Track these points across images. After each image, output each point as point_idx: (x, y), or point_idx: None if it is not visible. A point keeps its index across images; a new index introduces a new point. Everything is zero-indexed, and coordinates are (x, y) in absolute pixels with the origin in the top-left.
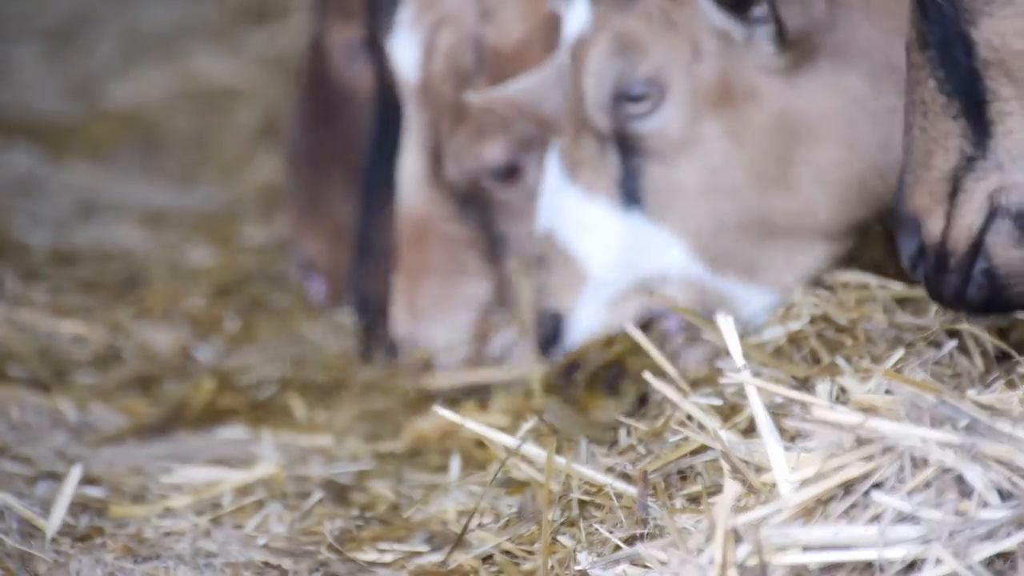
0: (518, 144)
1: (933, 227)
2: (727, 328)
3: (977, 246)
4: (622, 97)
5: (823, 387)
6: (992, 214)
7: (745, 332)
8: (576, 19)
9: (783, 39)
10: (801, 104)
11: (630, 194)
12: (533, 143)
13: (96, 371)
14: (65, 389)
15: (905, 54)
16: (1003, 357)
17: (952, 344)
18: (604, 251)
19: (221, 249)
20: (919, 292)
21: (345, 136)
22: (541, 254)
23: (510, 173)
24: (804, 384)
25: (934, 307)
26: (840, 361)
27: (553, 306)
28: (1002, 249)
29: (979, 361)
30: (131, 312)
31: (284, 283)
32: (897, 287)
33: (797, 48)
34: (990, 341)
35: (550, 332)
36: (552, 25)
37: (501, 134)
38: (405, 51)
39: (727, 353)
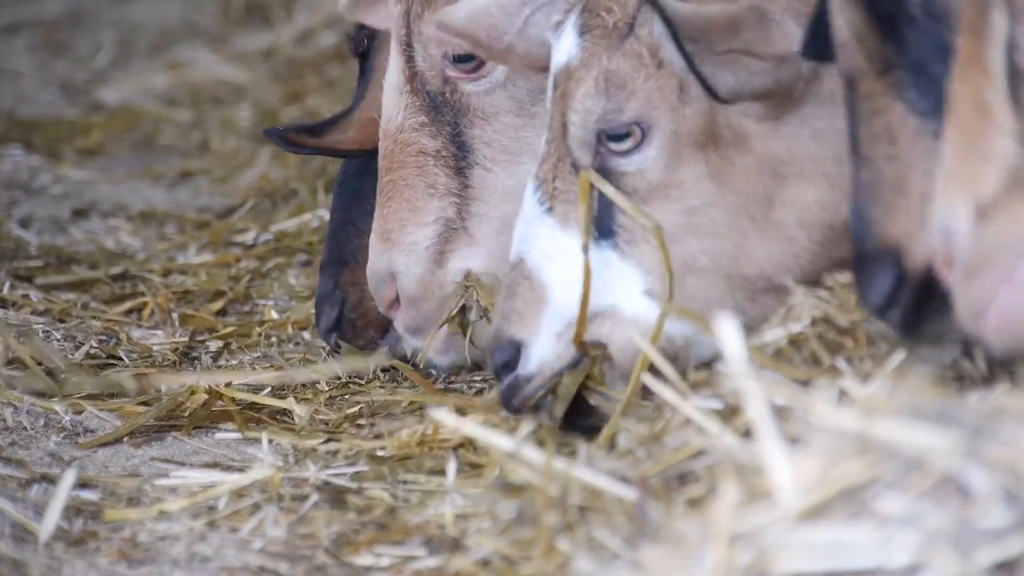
0: None
1: (918, 254)
2: (728, 330)
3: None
4: (604, 134)
5: (824, 390)
6: None
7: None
8: (564, 49)
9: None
10: (786, 147)
11: (603, 228)
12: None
13: (91, 372)
14: (59, 391)
15: (845, 88)
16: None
17: (955, 347)
18: (569, 281)
19: (218, 250)
20: None
21: None
22: (509, 280)
23: (475, 62)
24: (805, 386)
25: None
26: (841, 363)
27: (513, 333)
28: None
29: (982, 363)
30: (127, 313)
31: (281, 283)
32: None
33: (782, 97)
34: None
35: (509, 358)
36: None
37: None
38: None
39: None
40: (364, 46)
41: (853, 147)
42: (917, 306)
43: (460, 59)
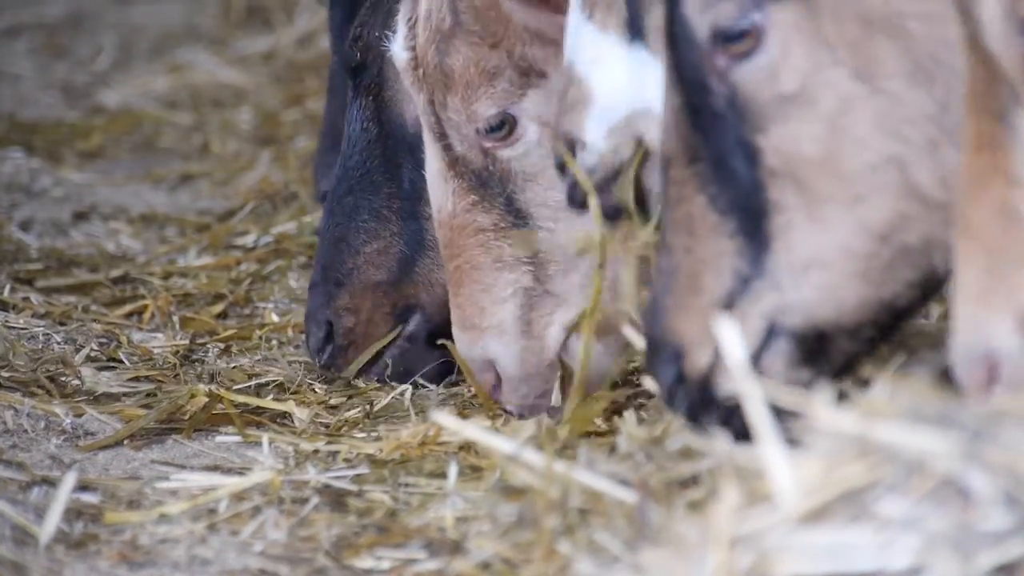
0: (503, 96)
1: (700, 359)
2: (727, 333)
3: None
4: None
5: (824, 393)
6: (769, 336)
7: None
8: None
9: None
10: None
11: (636, 30)
12: (514, 93)
13: (92, 375)
14: (60, 393)
15: (662, 170)
16: None
17: None
18: (610, 81)
19: (219, 252)
20: None
21: None
22: (564, 84)
23: (506, 129)
24: (805, 391)
25: (937, 311)
26: None
27: (567, 129)
28: (780, 371)
29: None
30: (128, 316)
31: (281, 285)
32: None
33: None
34: None
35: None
36: None
37: (484, 90)
38: (395, 44)
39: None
40: (357, 60)
41: (663, 231)
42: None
43: (492, 129)
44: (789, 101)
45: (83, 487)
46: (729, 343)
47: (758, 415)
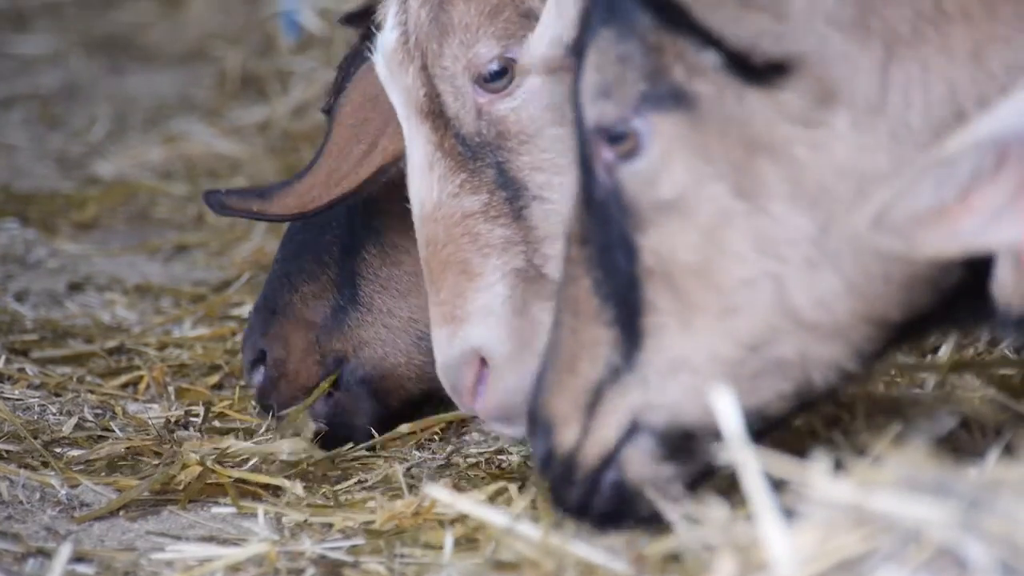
0: (504, 33)
1: (567, 437)
2: (724, 402)
3: (609, 459)
4: None
5: (821, 462)
6: (632, 430)
7: None
8: None
9: None
10: None
11: None
12: (514, 33)
13: (86, 446)
14: (55, 464)
15: (564, 246)
16: (1003, 430)
17: (952, 419)
18: None
19: (214, 323)
20: (917, 364)
21: None
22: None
23: (507, 78)
24: (801, 460)
25: (933, 380)
26: (837, 436)
27: None
28: (640, 465)
29: (979, 435)
30: (123, 387)
31: None
32: (895, 359)
33: None
34: (991, 416)
35: None
36: None
37: (484, 30)
38: (384, 29)
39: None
40: (329, 103)
41: (556, 305)
42: (565, 485)
43: (491, 77)
44: (667, 208)
45: (79, 558)
46: (724, 412)
47: (754, 484)
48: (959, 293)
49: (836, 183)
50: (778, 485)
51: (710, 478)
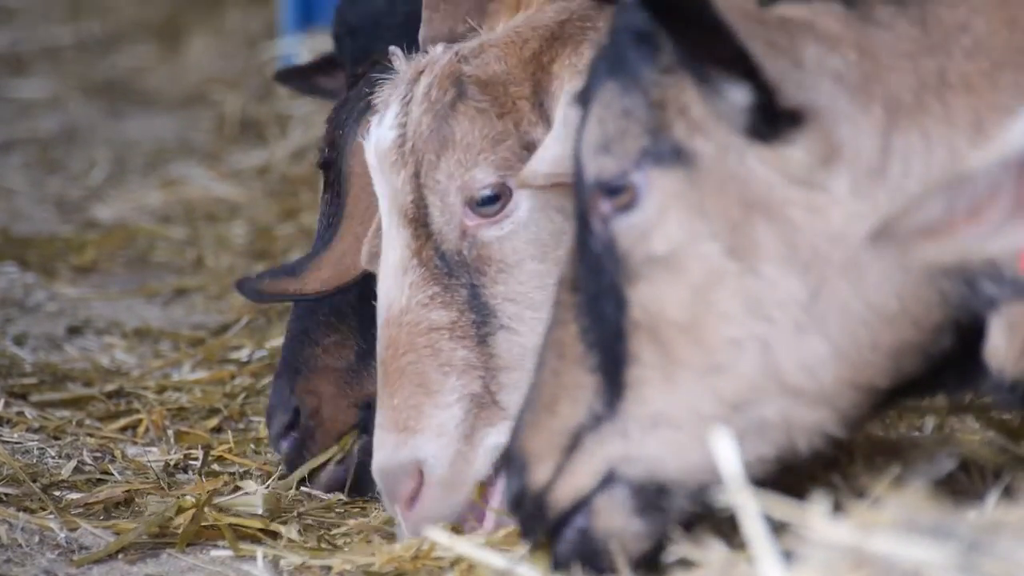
0: (504, 163)
1: (539, 475)
2: (723, 445)
3: (580, 505)
4: None
5: (820, 504)
6: (608, 479)
7: None
8: None
9: None
10: None
11: None
12: (514, 164)
13: (85, 490)
14: (54, 507)
15: (556, 290)
16: (1003, 473)
17: (951, 462)
18: None
19: (213, 367)
20: (916, 407)
21: None
22: None
23: (499, 204)
24: (800, 503)
25: (932, 422)
26: (836, 479)
27: None
28: (610, 516)
29: (978, 478)
30: (122, 430)
31: None
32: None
33: None
34: (990, 458)
35: None
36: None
37: (485, 156)
38: (382, 125)
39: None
40: (326, 154)
41: (542, 346)
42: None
43: (484, 202)
44: (659, 263)
45: None
46: (723, 455)
47: (753, 527)
48: (948, 360)
49: (830, 248)
50: (777, 527)
51: (667, 545)
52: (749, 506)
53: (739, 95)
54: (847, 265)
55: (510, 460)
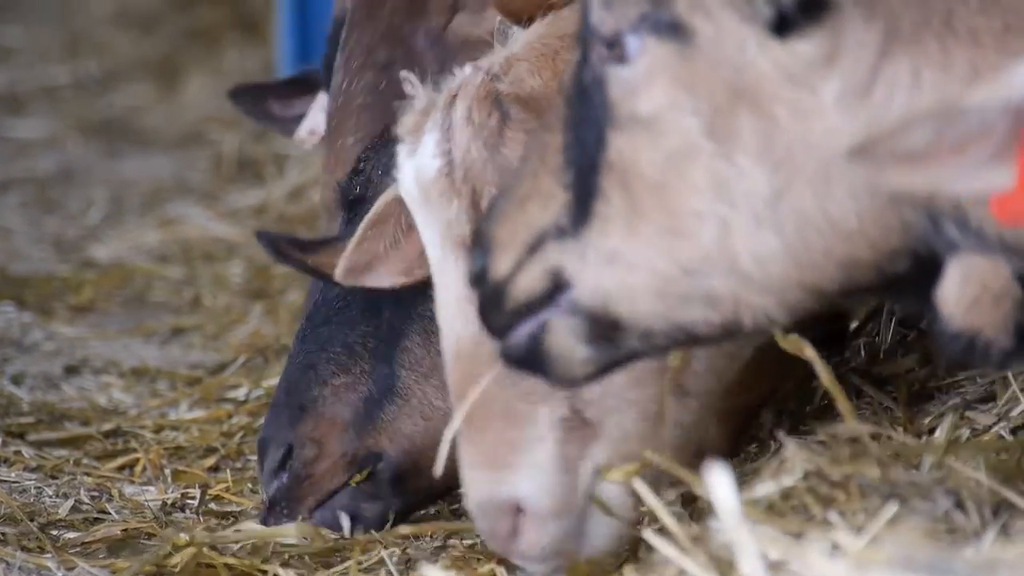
0: None
1: (501, 264)
2: (720, 482)
3: (533, 306)
4: None
5: (817, 542)
6: (557, 290)
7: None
8: None
9: None
10: None
11: None
12: None
13: (83, 529)
14: (51, 546)
15: (557, 94)
16: (1000, 511)
17: (948, 500)
18: None
19: (210, 406)
20: (914, 446)
21: None
22: None
23: None
24: (798, 539)
25: (929, 461)
26: (834, 516)
27: None
28: (562, 336)
29: (975, 516)
30: (119, 469)
31: None
32: (891, 440)
33: None
34: (987, 496)
35: None
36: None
37: None
38: (420, 156)
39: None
40: (356, 192)
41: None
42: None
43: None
44: (640, 122)
45: None
46: (720, 490)
47: (751, 564)
48: (903, 281)
49: (804, 155)
50: (775, 565)
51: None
52: (747, 543)
53: None
54: (815, 176)
55: (478, 238)
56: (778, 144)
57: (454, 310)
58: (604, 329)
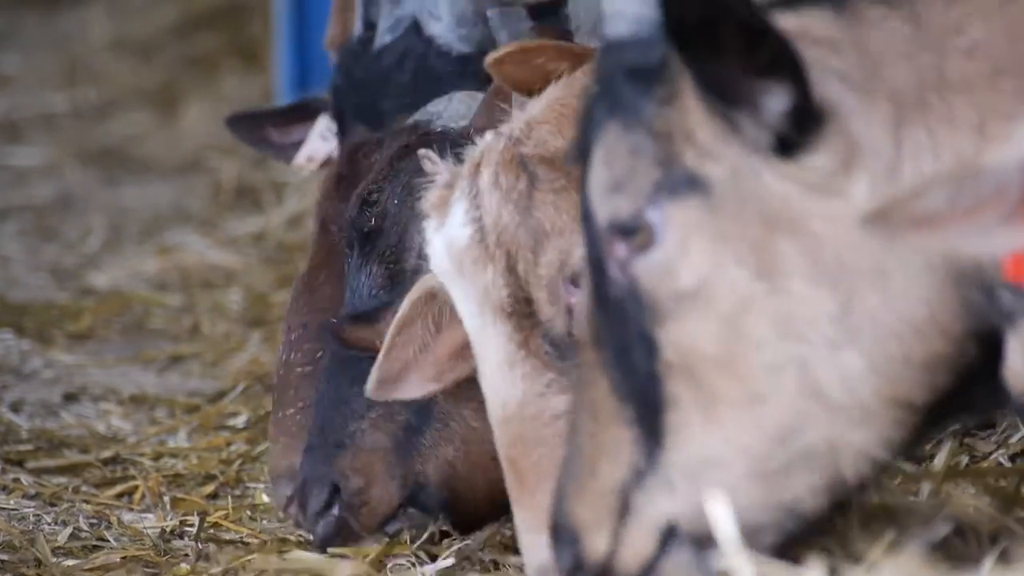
0: None
1: (597, 545)
2: (719, 508)
3: (647, 570)
4: None
5: (816, 569)
6: (667, 538)
7: None
8: None
9: None
10: None
11: None
12: None
13: (81, 556)
14: (50, 573)
15: (578, 351)
16: (999, 538)
17: (948, 527)
18: None
19: (209, 433)
20: (913, 472)
21: None
22: None
23: None
24: (797, 568)
25: (928, 487)
26: (833, 543)
27: None
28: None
29: (974, 543)
30: (118, 496)
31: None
32: (890, 466)
33: None
34: (986, 523)
35: None
36: None
37: (580, 235)
38: (449, 227)
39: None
40: (371, 225)
41: (572, 410)
42: None
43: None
44: (686, 298)
45: None
46: (720, 519)
47: None
48: (975, 377)
49: (854, 257)
50: None
51: None
52: (746, 571)
53: (776, 101)
54: (873, 272)
55: (557, 532)
56: (826, 257)
57: (499, 375)
58: (711, 543)
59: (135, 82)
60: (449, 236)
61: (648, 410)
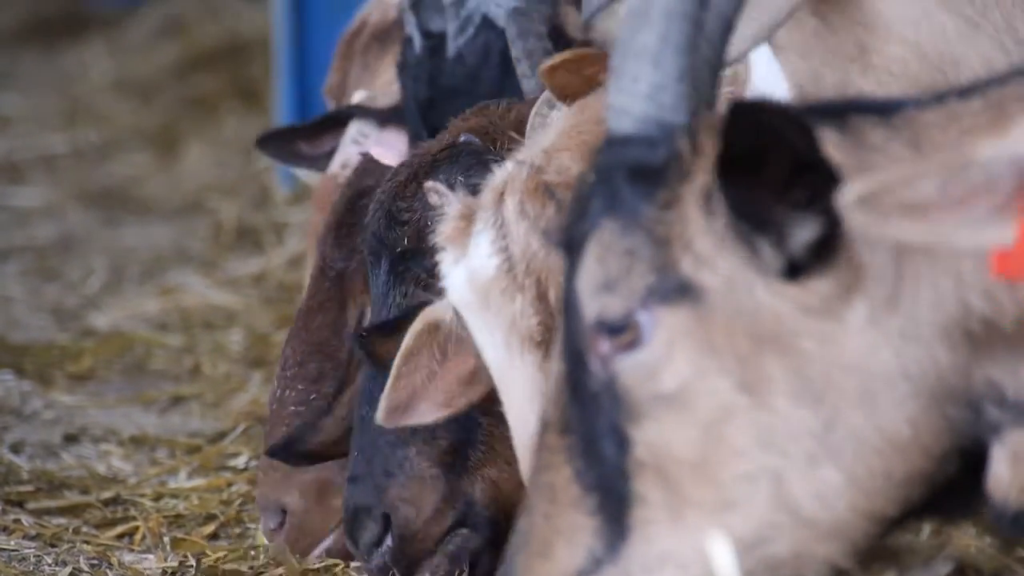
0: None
1: None
2: (720, 551)
3: None
4: None
5: None
6: None
7: None
8: None
9: None
10: None
11: None
12: None
13: None
14: None
15: (539, 433)
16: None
17: (948, 566)
18: None
19: (210, 474)
20: None
21: None
22: None
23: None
24: None
25: (928, 526)
26: None
27: None
28: None
29: None
30: (119, 537)
31: None
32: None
33: None
34: (986, 562)
35: None
36: None
37: None
38: (473, 259)
39: None
40: (405, 244)
41: (528, 488)
42: None
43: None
44: (667, 401)
45: None
46: (721, 558)
47: None
48: (951, 487)
49: (843, 378)
50: None
51: None
52: None
53: (806, 232)
54: (861, 394)
55: None
56: (814, 376)
57: (527, 407)
58: None
59: (135, 123)
60: (473, 268)
61: (614, 503)
